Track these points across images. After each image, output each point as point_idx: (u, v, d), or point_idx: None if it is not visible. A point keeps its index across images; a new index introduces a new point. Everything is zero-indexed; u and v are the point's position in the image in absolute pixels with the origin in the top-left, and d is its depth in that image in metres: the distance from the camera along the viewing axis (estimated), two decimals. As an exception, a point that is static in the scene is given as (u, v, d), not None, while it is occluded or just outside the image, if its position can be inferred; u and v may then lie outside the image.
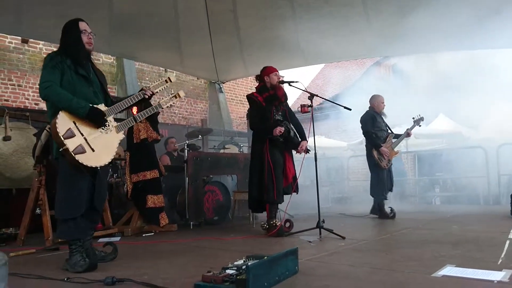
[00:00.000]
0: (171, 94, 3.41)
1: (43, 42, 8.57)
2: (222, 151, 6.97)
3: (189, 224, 5.18)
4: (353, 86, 15.71)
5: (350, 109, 4.81)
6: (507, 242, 3.28)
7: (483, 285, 2.05)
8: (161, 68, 10.93)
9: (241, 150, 7.17)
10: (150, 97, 3.16)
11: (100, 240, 4.12)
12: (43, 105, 8.23)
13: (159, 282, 2.21)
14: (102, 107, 2.89)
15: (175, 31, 7.05)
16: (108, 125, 2.89)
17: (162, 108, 3.38)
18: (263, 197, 4.25)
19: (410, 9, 6.03)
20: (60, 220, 2.80)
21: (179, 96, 3.43)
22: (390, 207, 5.61)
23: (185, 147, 5.64)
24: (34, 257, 3.38)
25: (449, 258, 2.72)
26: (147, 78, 10.96)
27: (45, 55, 9.11)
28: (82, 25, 2.95)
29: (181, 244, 3.83)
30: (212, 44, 7.24)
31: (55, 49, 10.23)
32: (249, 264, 2.05)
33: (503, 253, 2.84)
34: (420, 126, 6.02)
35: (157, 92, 3.24)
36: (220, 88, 10.30)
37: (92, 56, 3.05)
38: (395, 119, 6.52)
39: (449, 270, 2.35)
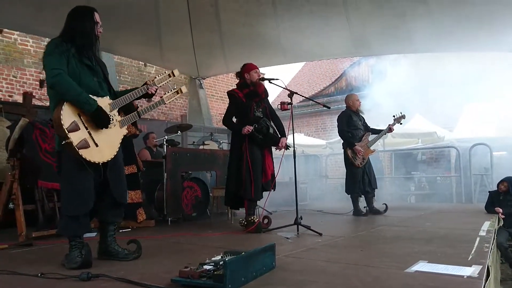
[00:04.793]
0: (173, 89, 3.25)
1: (18, 33, 8.32)
2: (201, 147, 6.93)
3: (167, 220, 5.15)
4: (332, 85, 15.91)
5: (329, 108, 4.89)
6: (478, 239, 3.39)
7: (454, 280, 2.11)
8: (140, 62, 10.79)
9: (221, 146, 7.15)
10: (153, 94, 3.01)
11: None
12: (17, 97, 8.01)
13: (136, 278, 2.19)
14: (107, 99, 2.76)
15: (155, 25, 6.97)
16: (112, 119, 2.75)
17: (165, 103, 3.20)
18: (240, 193, 4.26)
19: (390, 10, 6.13)
20: (66, 216, 2.67)
21: (181, 92, 3.27)
22: (384, 203, 5.77)
23: (164, 142, 5.59)
24: (7, 252, 3.29)
25: (422, 254, 2.79)
26: (126, 72, 10.81)
27: (19, 46, 8.87)
28: (97, 17, 2.81)
29: (158, 240, 3.81)
30: (193, 39, 7.19)
31: (30, 40, 9.85)
32: (226, 259, 2.05)
33: (473, 249, 2.94)
34: (401, 124, 6.07)
35: (160, 86, 3.09)
36: (201, 84, 10.24)
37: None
38: (373, 119, 6.63)
39: (422, 266, 2.41)
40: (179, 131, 6.35)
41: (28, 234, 3.80)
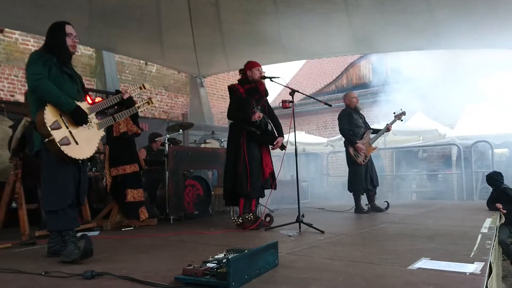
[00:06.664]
0: (145, 100, 3.79)
1: (19, 32, 8.32)
2: (203, 145, 6.95)
3: (169, 218, 5.16)
4: (333, 83, 15.90)
5: (330, 105, 4.88)
6: (479, 235, 3.39)
7: (456, 277, 2.12)
8: (141, 61, 10.78)
9: (222, 145, 7.16)
10: (129, 99, 3.47)
11: (79, 234, 4.06)
12: (18, 97, 8.02)
13: (139, 276, 2.20)
14: (85, 104, 3.04)
15: (156, 24, 6.96)
16: (91, 122, 3.02)
17: (137, 111, 3.72)
18: (236, 189, 4.26)
19: (391, 7, 6.10)
20: (49, 212, 2.85)
21: (152, 103, 3.80)
22: (386, 201, 5.78)
23: (166, 141, 5.60)
24: (10, 251, 3.31)
25: (424, 251, 2.80)
26: (127, 71, 10.80)
27: (21, 45, 8.88)
28: (68, 29, 3.03)
29: (161, 239, 3.81)
30: (194, 37, 7.18)
31: (31, 39, 9.87)
32: (229, 257, 2.06)
33: (475, 246, 2.94)
34: (401, 120, 6.01)
35: (134, 95, 3.55)
36: (201, 82, 10.25)
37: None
38: (375, 117, 6.62)
39: (424, 263, 2.42)
40: (180, 130, 6.35)
41: (31, 233, 3.82)
